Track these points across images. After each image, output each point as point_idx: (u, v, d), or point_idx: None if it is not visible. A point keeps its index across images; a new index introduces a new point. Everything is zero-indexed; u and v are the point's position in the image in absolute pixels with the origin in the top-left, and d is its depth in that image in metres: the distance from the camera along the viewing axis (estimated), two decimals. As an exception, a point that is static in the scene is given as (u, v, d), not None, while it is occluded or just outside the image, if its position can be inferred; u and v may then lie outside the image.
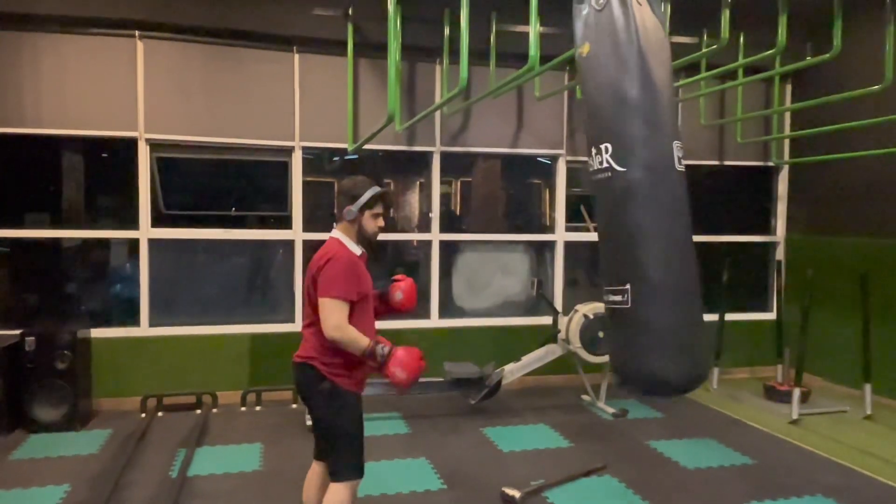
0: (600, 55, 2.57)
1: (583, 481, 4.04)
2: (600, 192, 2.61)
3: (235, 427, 4.97)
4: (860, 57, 5.41)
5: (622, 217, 2.55)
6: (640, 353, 2.54)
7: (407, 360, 2.61)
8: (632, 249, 2.54)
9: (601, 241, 2.68)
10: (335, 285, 2.63)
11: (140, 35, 5.28)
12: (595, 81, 2.59)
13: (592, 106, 2.61)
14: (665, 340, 2.53)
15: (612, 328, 2.68)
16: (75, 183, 5.69)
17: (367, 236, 2.81)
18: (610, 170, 2.53)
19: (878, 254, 5.66)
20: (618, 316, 2.57)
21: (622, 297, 2.53)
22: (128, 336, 5.43)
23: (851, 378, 5.69)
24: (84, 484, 3.92)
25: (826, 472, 4.21)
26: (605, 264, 2.65)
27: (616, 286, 2.54)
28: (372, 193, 2.76)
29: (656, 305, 2.52)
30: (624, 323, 2.57)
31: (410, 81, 5.86)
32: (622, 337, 2.61)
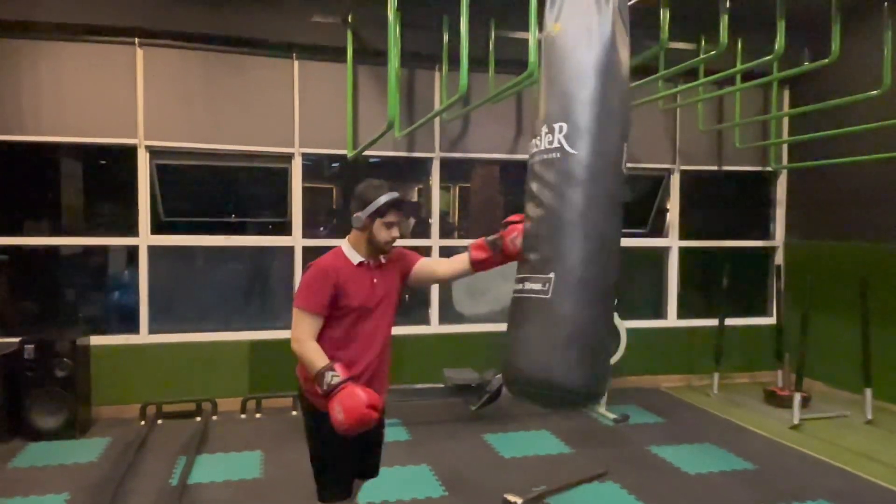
0: (571, 37, 2.46)
1: (584, 487, 4.03)
2: (541, 172, 2.44)
3: (235, 434, 4.95)
4: (858, 62, 5.43)
5: (561, 202, 2.38)
6: (550, 351, 2.33)
7: (351, 403, 2.30)
8: (563, 237, 2.37)
9: (527, 224, 2.49)
10: (300, 295, 2.50)
11: (140, 42, 5.28)
12: (561, 61, 2.47)
13: (553, 84, 2.48)
14: (579, 341, 2.33)
15: (521, 319, 2.41)
16: (75, 190, 5.69)
17: (378, 247, 2.56)
18: (560, 150, 2.39)
19: (878, 258, 5.67)
20: (533, 306, 2.36)
21: (543, 286, 2.34)
22: (127, 343, 5.41)
23: (852, 382, 5.68)
24: (83, 492, 3.90)
25: (827, 477, 4.20)
26: (528, 249, 2.45)
27: (538, 274, 2.37)
28: (385, 200, 2.49)
29: (577, 301, 2.34)
30: (539, 315, 2.35)
31: (410, 88, 5.88)
32: (533, 330, 2.36)
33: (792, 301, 6.27)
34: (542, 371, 2.34)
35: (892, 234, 5.58)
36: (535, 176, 2.47)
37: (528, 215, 2.49)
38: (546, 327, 2.34)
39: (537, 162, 2.46)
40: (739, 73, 5.37)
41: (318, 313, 2.49)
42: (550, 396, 2.41)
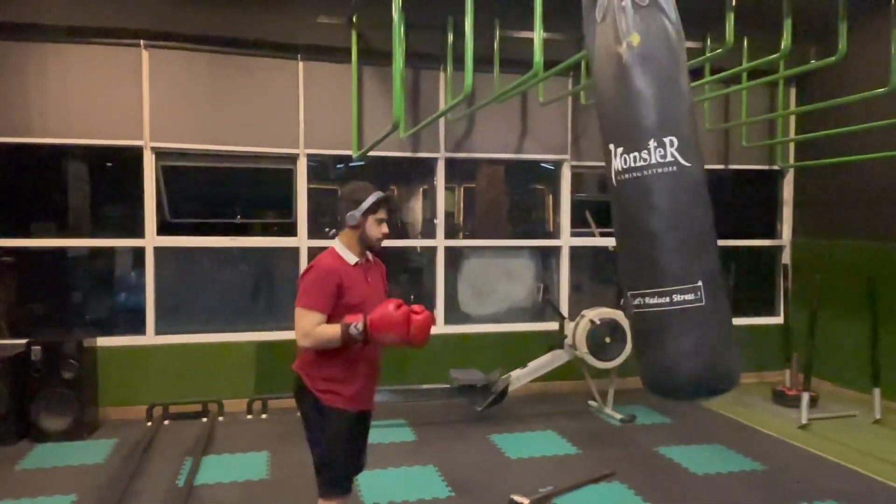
0: (654, 47, 2.48)
1: (591, 488, 4.02)
2: (659, 187, 2.45)
3: (242, 435, 4.96)
4: (866, 60, 5.40)
5: (690, 214, 2.47)
6: (720, 353, 2.50)
7: (387, 321, 2.45)
8: (701, 246, 2.48)
9: (656, 239, 2.47)
10: (304, 295, 2.58)
11: (145, 44, 5.30)
12: (650, 72, 2.48)
13: (648, 96, 2.48)
14: (731, 338, 2.54)
15: (679, 329, 2.47)
16: (81, 192, 5.71)
17: (369, 243, 2.70)
18: (676, 164, 2.44)
19: (886, 257, 5.63)
20: (689, 316, 2.44)
21: (695, 296, 2.42)
22: (133, 345, 5.42)
23: (860, 382, 5.65)
24: (91, 493, 3.91)
25: (836, 477, 4.18)
26: (666, 263, 2.46)
27: (685, 284, 2.43)
28: (375, 198, 2.65)
29: (724, 303, 2.50)
30: (698, 322, 2.44)
31: (414, 88, 5.87)
32: (696, 337, 2.46)
33: (799, 300, 6.24)
34: (723, 370, 2.53)
35: (901, 233, 5.55)
36: (649, 188, 2.46)
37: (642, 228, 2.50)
38: (708, 331, 2.47)
39: (651, 175, 2.45)
40: (746, 71, 5.35)
41: (323, 312, 2.57)
42: (719, 392, 2.60)
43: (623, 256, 2.60)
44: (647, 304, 2.48)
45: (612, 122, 2.56)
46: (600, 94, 2.64)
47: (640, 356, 2.61)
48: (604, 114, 2.63)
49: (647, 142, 2.45)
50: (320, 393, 2.62)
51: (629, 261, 2.57)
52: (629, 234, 2.56)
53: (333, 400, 2.62)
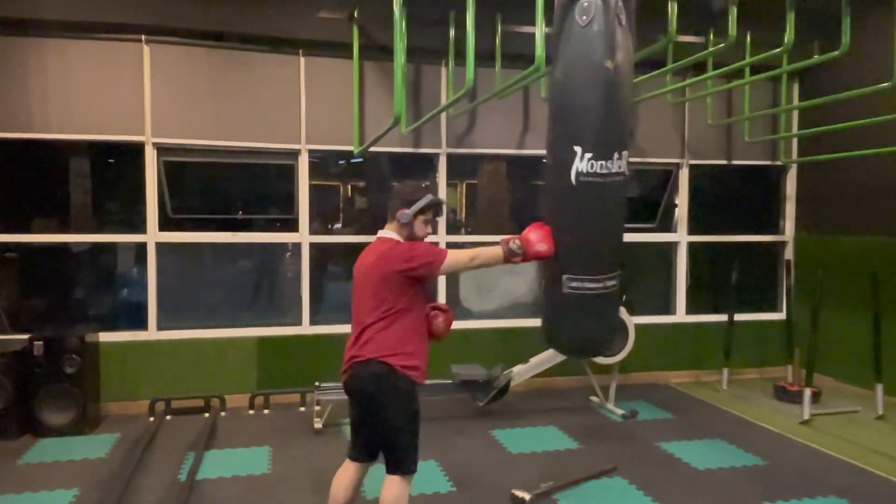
0: (626, 66, 2.79)
1: (593, 483, 4.02)
2: (608, 194, 2.84)
3: (244, 430, 4.97)
4: (869, 54, 5.37)
5: (620, 214, 2.95)
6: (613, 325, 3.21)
7: (538, 234, 2.86)
8: (620, 241, 2.99)
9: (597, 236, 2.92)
10: (433, 253, 2.82)
11: (146, 39, 5.29)
12: (624, 90, 2.81)
13: (618, 115, 2.82)
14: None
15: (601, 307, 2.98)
16: (83, 187, 5.70)
17: (415, 239, 2.89)
18: (622, 174, 2.82)
19: (889, 252, 5.62)
20: (607, 297, 2.96)
21: (615, 282, 2.96)
22: (136, 340, 5.43)
23: (863, 378, 5.64)
24: (93, 488, 3.92)
25: (838, 473, 4.17)
26: (600, 255, 2.93)
27: (613, 272, 2.94)
28: (427, 201, 2.87)
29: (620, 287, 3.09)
30: (612, 302, 3.03)
31: (416, 83, 5.86)
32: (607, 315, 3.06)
33: (802, 296, 6.23)
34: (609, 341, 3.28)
35: (904, 228, 5.53)
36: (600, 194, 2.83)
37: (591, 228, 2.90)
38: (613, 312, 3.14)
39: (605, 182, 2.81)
40: (749, 66, 5.33)
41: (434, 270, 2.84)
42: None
43: (568, 245, 2.91)
44: (583, 287, 2.91)
45: (585, 126, 2.81)
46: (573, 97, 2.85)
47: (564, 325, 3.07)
48: (574, 115, 2.85)
49: (612, 153, 2.79)
50: (409, 370, 2.75)
51: (575, 250, 2.92)
52: (581, 228, 2.90)
53: (418, 376, 2.80)
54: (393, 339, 2.75)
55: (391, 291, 2.75)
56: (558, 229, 2.91)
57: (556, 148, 2.90)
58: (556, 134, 2.91)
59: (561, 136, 2.87)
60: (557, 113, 2.91)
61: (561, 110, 2.89)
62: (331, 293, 6.23)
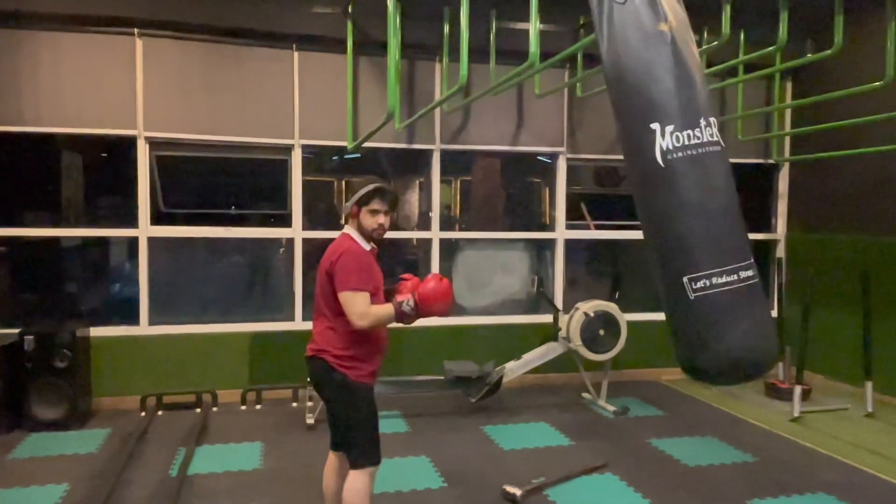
0: (684, 32, 2.53)
1: (584, 479, 4.03)
2: (708, 165, 2.48)
3: (235, 426, 4.96)
4: (861, 54, 5.40)
5: (731, 191, 2.54)
6: (769, 327, 2.55)
7: (432, 292, 2.69)
8: (740, 221, 2.55)
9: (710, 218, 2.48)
10: (352, 278, 2.69)
11: (139, 33, 5.26)
12: (690, 56, 2.52)
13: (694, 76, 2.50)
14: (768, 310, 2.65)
15: (749, 306, 2.45)
16: (74, 181, 5.68)
17: (366, 233, 2.81)
18: (718, 144, 2.49)
19: (879, 251, 5.65)
20: (753, 291, 2.45)
21: (753, 272, 2.45)
22: (127, 335, 5.41)
23: (853, 375, 5.68)
24: (83, 483, 3.91)
25: (827, 470, 4.20)
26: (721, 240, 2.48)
27: (747, 261, 2.45)
28: (366, 189, 2.77)
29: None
30: (759, 297, 2.49)
31: (410, 79, 5.85)
32: (760, 312, 2.49)
33: (793, 294, 6.25)
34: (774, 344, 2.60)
35: (894, 227, 5.56)
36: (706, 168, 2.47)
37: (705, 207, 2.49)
38: (765, 306, 2.57)
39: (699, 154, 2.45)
40: (742, 64, 5.34)
41: (368, 291, 2.73)
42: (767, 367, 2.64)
43: (671, 240, 2.49)
44: (713, 285, 2.40)
45: (655, 101, 2.47)
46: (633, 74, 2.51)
47: (704, 345, 2.49)
48: (640, 93, 2.50)
49: (699, 120, 2.44)
50: (347, 370, 2.75)
51: (684, 243, 2.46)
52: (686, 214, 2.46)
53: (358, 375, 2.77)
54: (333, 336, 2.77)
55: (331, 287, 2.75)
56: (656, 222, 2.52)
57: (631, 135, 2.54)
58: (626, 122, 2.56)
59: (632, 121, 2.52)
60: (621, 99, 2.57)
61: (624, 94, 2.55)
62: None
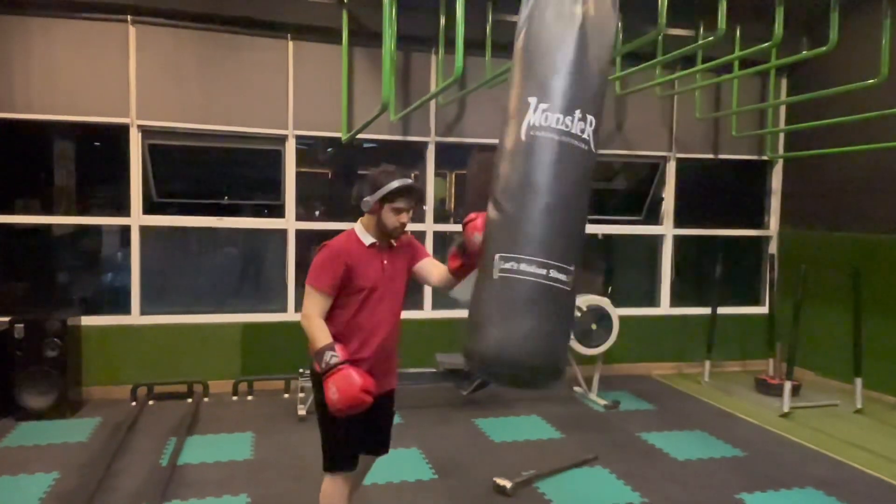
0: (603, 24, 2.36)
1: (574, 472, 4.05)
2: (571, 158, 2.31)
3: (227, 416, 4.95)
4: (856, 51, 5.41)
5: (583, 196, 2.37)
6: (563, 343, 2.40)
7: (344, 385, 2.41)
8: (581, 231, 2.39)
9: (555, 208, 2.31)
10: (312, 274, 2.58)
11: (132, 20, 5.22)
12: (599, 47, 2.36)
13: (592, 69, 2.35)
14: (569, 331, 2.52)
15: (545, 307, 2.29)
16: (66, 169, 5.64)
17: (386, 231, 2.63)
18: (588, 143, 2.33)
19: (871, 249, 5.68)
20: (556, 296, 2.29)
21: (567, 278, 2.28)
22: (118, 324, 5.39)
23: (842, 372, 5.71)
24: (73, 472, 3.89)
25: (816, 465, 4.23)
26: (556, 235, 2.31)
27: (564, 264, 2.29)
28: (396, 185, 2.54)
29: (575, 293, 2.39)
30: (561, 305, 2.32)
31: (405, 71, 5.83)
32: (555, 320, 2.32)
33: (785, 290, 6.29)
34: (557, 363, 2.39)
35: (886, 225, 5.59)
36: (560, 156, 2.30)
37: (543, 191, 2.30)
38: (564, 318, 2.37)
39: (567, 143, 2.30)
40: (737, 60, 5.35)
41: (328, 293, 2.57)
42: (541, 383, 2.45)
43: (507, 214, 2.33)
44: (520, 271, 2.26)
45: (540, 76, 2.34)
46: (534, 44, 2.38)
47: (486, 323, 2.37)
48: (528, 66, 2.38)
49: (574, 110, 2.31)
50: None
51: (515, 221, 2.31)
52: (525, 193, 2.31)
53: None
54: None
55: None
56: (497, 195, 2.38)
57: (510, 104, 2.41)
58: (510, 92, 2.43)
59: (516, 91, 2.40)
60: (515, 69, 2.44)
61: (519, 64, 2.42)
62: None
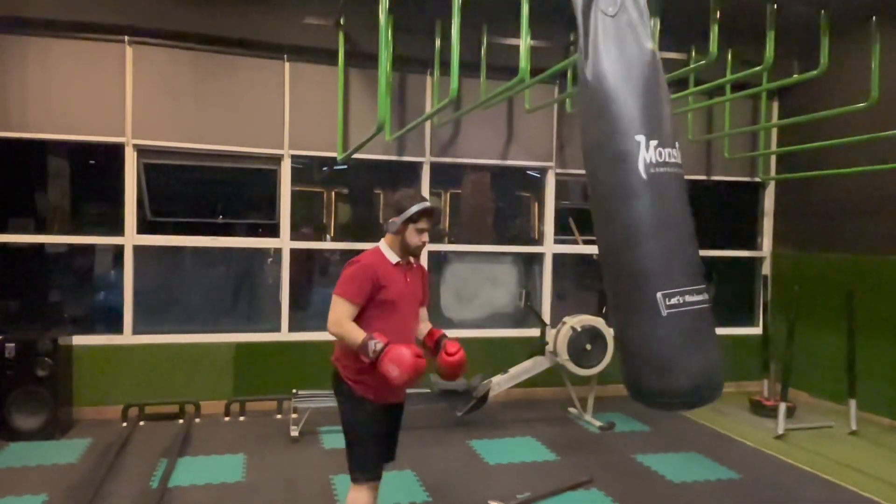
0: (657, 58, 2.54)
1: (569, 495, 4.02)
2: (670, 185, 2.48)
3: (218, 437, 4.90)
4: (847, 74, 5.48)
5: (687, 214, 2.52)
6: (719, 352, 2.45)
7: (400, 358, 2.62)
8: (696, 248, 2.49)
9: (691, 236, 2.47)
10: (342, 284, 2.75)
11: (129, 40, 5.25)
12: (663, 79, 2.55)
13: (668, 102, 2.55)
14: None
15: (711, 329, 2.42)
16: (61, 188, 5.64)
17: (409, 249, 2.86)
18: (679, 166, 2.52)
19: (864, 270, 5.70)
20: (700, 317, 2.37)
21: (703, 297, 2.37)
22: (110, 344, 5.35)
23: (837, 393, 5.71)
24: (62, 494, 3.84)
25: (811, 488, 4.21)
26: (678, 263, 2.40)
27: (695, 285, 2.37)
28: (418, 208, 2.80)
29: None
30: (707, 324, 2.40)
31: (401, 92, 5.87)
32: (707, 339, 2.40)
33: (778, 311, 6.30)
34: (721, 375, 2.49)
35: (879, 246, 5.62)
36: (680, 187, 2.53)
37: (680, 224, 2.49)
38: (711, 335, 2.44)
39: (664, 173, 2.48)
40: (729, 83, 5.41)
41: (356, 302, 2.74)
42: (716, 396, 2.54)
43: (650, 252, 2.40)
44: (687, 303, 2.35)
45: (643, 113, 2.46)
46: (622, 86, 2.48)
47: (681, 361, 2.39)
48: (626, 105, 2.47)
49: (674, 141, 2.51)
50: (353, 383, 2.79)
51: (662, 257, 2.40)
52: (665, 228, 2.42)
53: (363, 389, 2.79)
54: (344, 348, 2.80)
55: None
56: (628, 235, 2.44)
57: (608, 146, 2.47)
58: (603, 131, 2.49)
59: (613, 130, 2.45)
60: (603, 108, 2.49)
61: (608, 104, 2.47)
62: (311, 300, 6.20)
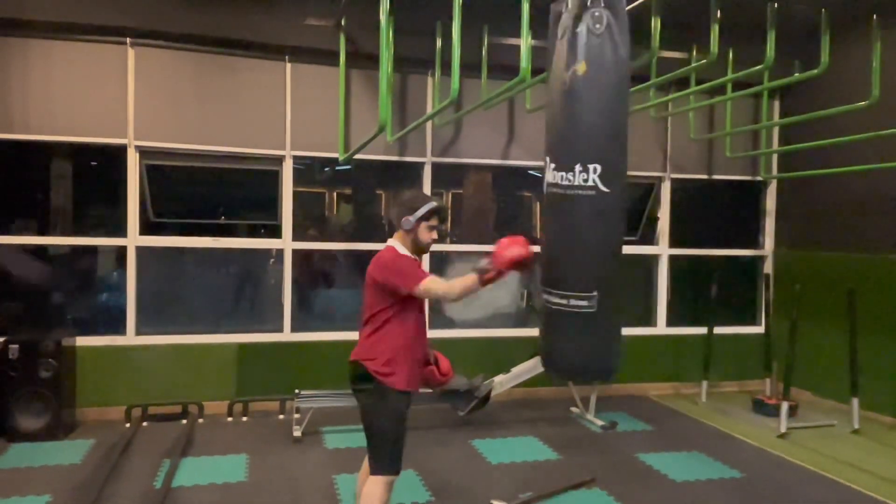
0: (598, 78, 2.76)
1: (571, 494, 4.02)
2: (575, 206, 2.85)
3: (221, 438, 4.91)
4: (848, 73, 5.47)
5: (596, 233, 2.88)
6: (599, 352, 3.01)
7: (508, 242, 2.74)
8: (601, 261, 2.89)
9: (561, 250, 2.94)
10: (409, 275, 2.82)
11: (131, 42, 5.26)
12: (590, 102, 2.79)
13: (583, 124, 2.81)
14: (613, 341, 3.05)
15: (571, 327, 2.94)
16: (63, 190, 5.64)
17: (421, 246, 2.97)
18: (595, 189, 2.79)
19: (866, 268, 5.70)
20: (580, 319, 2.89)
21: (588, 303, 2.86)
22: (113, 345, 5.36)
23: (839, 392, 5.70)
24: (66, 494, 3.85)
25: (814, 486, 4.21)
26: (568, 272, 2.92)
27: (583, 293, 2.86)
28: (429, 207, 2.92)
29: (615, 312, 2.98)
30: (587, 324, 2.90)
31: (402, 92, 5.87)
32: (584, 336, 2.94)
33: (780, 310, 6.30)
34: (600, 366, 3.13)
35: (880, 245, 5.62)
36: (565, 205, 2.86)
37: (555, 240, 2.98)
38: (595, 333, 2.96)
39: (570, 194, 2.82)
40: (730, 82, 5.41)
41: (427, 275, 2.87)
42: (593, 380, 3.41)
43: (543, 252, 3.01)
44: (550, 301, 2.95)
45: (552, 137, 2.91)
46: (549, 108, 2.96)
47: (542, 337, 3.12)
48: (548, 127, 2.95)
49: (573, 165, 2.80)
50: (382, 376, 2.85)
51: (546, 259, 2.99)
52: (549, 238, 2.98)
53: (394, 381, 2.86)
54: (374, 344, 2.88)
55: (376, 298, 2.89)
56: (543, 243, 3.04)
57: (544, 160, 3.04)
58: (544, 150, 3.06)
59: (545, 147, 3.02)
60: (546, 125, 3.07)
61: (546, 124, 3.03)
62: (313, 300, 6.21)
